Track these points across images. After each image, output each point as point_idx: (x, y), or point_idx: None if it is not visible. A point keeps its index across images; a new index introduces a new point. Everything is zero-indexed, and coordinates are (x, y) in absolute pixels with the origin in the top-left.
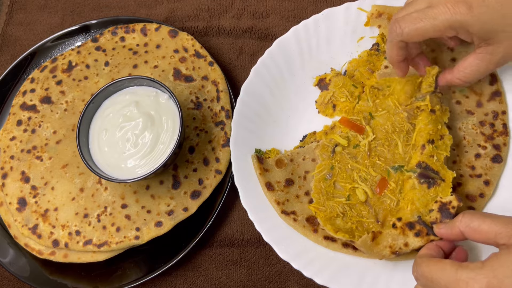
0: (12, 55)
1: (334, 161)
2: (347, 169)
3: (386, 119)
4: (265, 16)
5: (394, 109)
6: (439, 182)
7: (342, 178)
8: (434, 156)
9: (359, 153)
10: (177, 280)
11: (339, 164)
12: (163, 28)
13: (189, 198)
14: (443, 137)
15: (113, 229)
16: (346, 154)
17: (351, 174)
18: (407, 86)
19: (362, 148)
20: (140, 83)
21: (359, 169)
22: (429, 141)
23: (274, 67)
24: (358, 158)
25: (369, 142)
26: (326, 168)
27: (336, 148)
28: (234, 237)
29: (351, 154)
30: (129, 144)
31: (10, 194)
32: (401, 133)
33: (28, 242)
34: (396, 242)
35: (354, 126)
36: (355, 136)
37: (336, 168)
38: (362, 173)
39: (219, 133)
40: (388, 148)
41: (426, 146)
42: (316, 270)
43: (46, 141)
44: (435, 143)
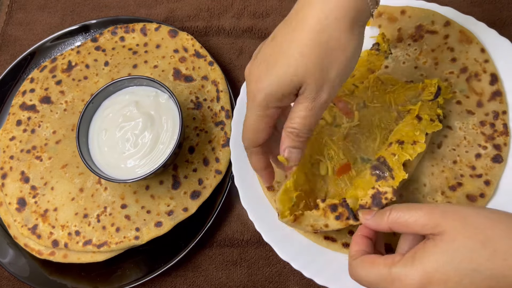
0: (11, 55)
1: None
2: (320, 143)
3: (376, 112)
4: (265, 16)
5: (388, 106)
6: (388, 178)
7: (313, 147)
8: (396, 155)
9: (337, 133)
10: (177, 280)
11: (315, 136)
12: (163, 28)
13: (189, 198)
14: (415, 143)
15: (112, 229)
16: (326, 130)
17: (322, 148)
18: (409, 91)
19: (342, 129)
20: (140, 83)
21: (330, 147)
22: (398, 141)
23: None
24: (334, 138)
25: (351, 127)
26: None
27: (320, 121)
28: (234, 237)
29: (330, 131)
30: (129, 144)
31: (9, 194)
32: (383, 130)
33: (27, 242)
34: (317, 223)
35: (344, 108)
36: (340, 117)
37: (313, 137)
38: (331, 152)
39: (219, 133)
40: (366, 139)
41: (392, 144)
42: (316, 270)
43: (46, 141)
44: (403, 145)
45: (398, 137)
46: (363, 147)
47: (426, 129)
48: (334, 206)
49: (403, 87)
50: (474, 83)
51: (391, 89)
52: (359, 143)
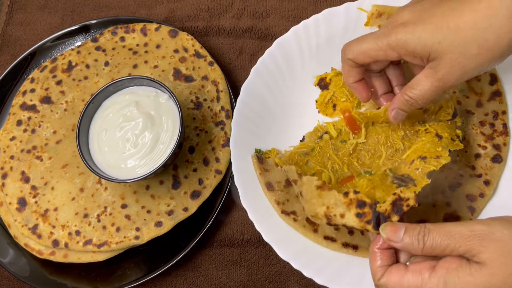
0: (12, 55)
1: (317, 145)
2: (325, 156)
3: (383, 131)
4: (265, 16)
5: (395, 125)
6: (410, 186)
7: (316, 160)
8: (420, 169)
9: (343, 148)
10: (177, 280)
11: (320, 149)
12: (163, 28)
13: (189, 198)
14: (439, 157)
15: (113, 229)
16: (331, 144)
17: (325, 162)
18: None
19: (348, 145)
20: (140, 83)
21: (335, 161)
22: (420, 157)
23: (274, 67)
24: (339, 153)
25: (357, 143)
26: (307, 147)
27: (325, 135)
28: (234, 237)
29: (335, 146)
30: (129, 144)
31: (10, 194)
32: (389, 148)
33: (28, 242)
34: (335, 208)
35: (352, 123)
36: (347, 133)
37: (316, 151)
38: (335, 165)
39: (219, 133)
40: (372, 156)
41: (415, 161)
42: (316, 270)
43: (46, 141)
44: (426, 159)
45: (420, 154)
46: (367, 163)
47: (448, 147)
48: (362, 203)
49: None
50: (474, 83)
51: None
52: (364, 159)
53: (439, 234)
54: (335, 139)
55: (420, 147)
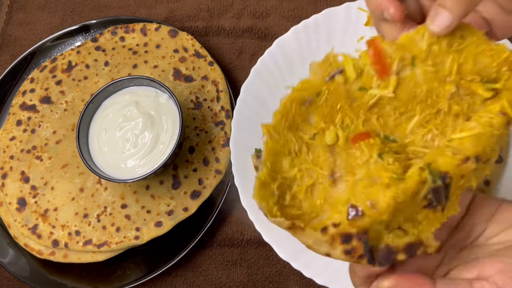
0: (11, 55)
1: (326, 87)
2: (333, 107)
3: (426, 80)
4: (265, 16)
5: (447, 73)
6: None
7: (321, 113)
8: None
9: (360, 99)
10: (177, 280)
11: (328, 95)
12: (163, 28)
13: (189, 198)
14: (487, 162)
15: (113, 229)
16: (344, 90)
17: (334, 115)
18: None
19: (368, 97)
20: (140, 83)
21: (346, 115)
22: (477, 158)
23: (274, 67)
24: (355, 104)
25: (381, 97)
26: (312, 88)
27: (338, 76)
28: (234, 237)
29: (350, 94)
30: (129, 144)
31: (9, 194)
32: (427, 109)
33: (28, 242)
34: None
35: (380, 61)
36: (370, 76)
37: (323, 97)
38: (346, 120)
39: (219, 133)
40: (399, 116)
41: (469, 161)
42: (316, 270)
43: (46, 141)
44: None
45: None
46: (390, 125)
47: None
48: (347, 237)
49: (479, 45)
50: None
51: (458, 47)
52: (386, 118)
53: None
54: (352, 83)
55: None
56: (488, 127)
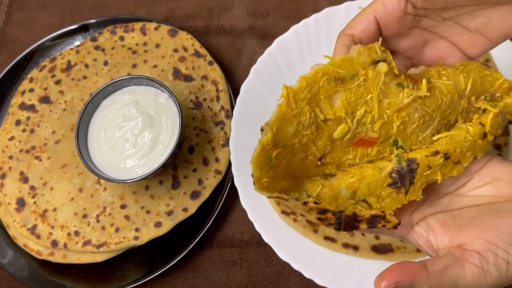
0: (11, 54)
1: (365, 72)
2: (363, 96)
3: (448, 92)
4: (265, 15)
5: (463, 88)
6: (401, 192)
7: (348, 98)
8: (430, 171)
9: (394, 96)
10: (176, 281)
11: (364, 82)
12: (162, 28)
13: (188, 199)
14: (457, 164)
15: (112, 229)
16: (382, 81)
17: (359, 105)
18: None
19: (404, 96)
20: (140, 82)
21: (371, 111)
22: (446, 155)
23: (274, 66)
24: (386, 101)
25: (416, 98)
26: (351, 67)
27: (381, 64)
28: (234, 238)
29: (387, 87)
30: (128, 144)
31: (8, 194)
32: (444, 119)
33: (27, 243)
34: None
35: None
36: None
37: (357, 82)
38: (368, 117)
39: (218, 133)
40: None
41: (438, 155)
42: (317, 270)
43: (45, 141)
44: (447, 161)
45: (449, 148)
46: (408, 131)
47: (479, 152)
48: (324, 211)
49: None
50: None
51: (463, 69)
52: (408, 125)
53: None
54: (392, 76)
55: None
56: (464, 131)
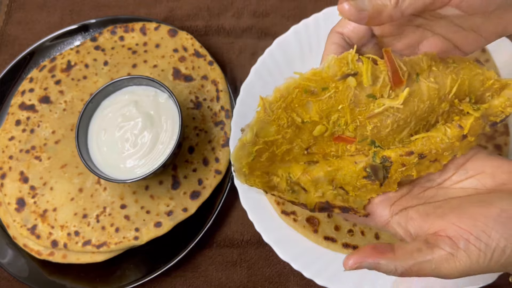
0: (10, 54)
1: (335, 85)
2: (335, 106)
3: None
4: (265, 15)
5: (448, 91)
6: (375, 183)
7: (320, 107)
8: (404, 167)
9: (365, 106)
10: (176, 281)
11: (335, 94)
12: (162, 27)
13: (188, 199)
14: (434, 162)
15: (112, 229)
16: (352, 93)
17: (331, 114)
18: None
19: (375, 106)
20: (140, 82)
21: (344, 119)
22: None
23: (274, 66)
24: (357, 110)
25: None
26: (321, 81)
27: (350, 78)
28: (233, 238)
29: (357, 98)
30: (128, 144)
31: (8, 194)
32: (421, 122)
33: (27, 243)
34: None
35: (395, 73)
36: (384, 85)
37: (327, 94)
38: (341, 121)
39: (218, 133)
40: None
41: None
42: (317, 270)
43: (45, 141)
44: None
45: (424, 149)
46: (383, 134)
47: (458, 152)
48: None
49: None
50: None
51: (454, 68)
52: (381, 129)
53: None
54: (363, 88)
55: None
56: (441, 133)
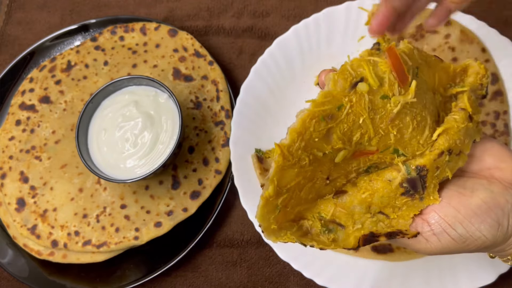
0: (11, 54)
1: (348, 99)
2: (355, 122)
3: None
4: (265, 15)
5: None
6: (415, 199)
7: (341, 129)
8: (438, 170)
9: (383, 109)
10: (176, 281)
11: (351, 109)
12: (162, 28)
13: (188, 199)
14: (459, 154)
15: (112, 229)
16: (368, 100)
17: (354, 131)
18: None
19: (391, 106)
20: (140, 82)
21: (367, 131)
22: (449, 151)
23: (274, 66)
24: (377, 116)
25: (405, 104)
26: (334, 101)
27: (360, 84)
28: (234, 238)
29: (373, 104)
30: (128, 144)
31: (9, 194)
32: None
33: (27, 243)
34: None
35: (400, 69)
36: (391, 83)
37: (345, 111)
38: (365, 138)
39: (219, 133)
40: (416, 126)
41: (444, 155)
42: (317, 270)
43: (45, 141)
44: (451, 157)
45: (450, 143)
46: (407, 138)
47: (475, 135)
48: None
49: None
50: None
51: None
52: (404, 131)
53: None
54: (375, 92)
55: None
56: (453, 122)
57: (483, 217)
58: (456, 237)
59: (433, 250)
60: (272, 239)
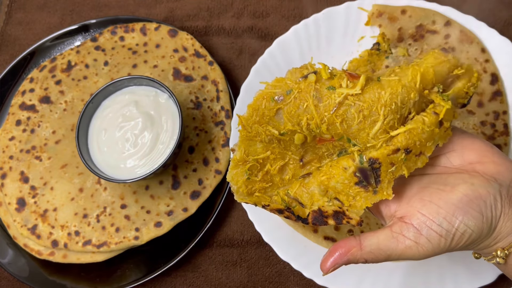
0: (11, 54)
1: (297, 86)
2: (301, 107)
3: (390, 85)
4: (265, 15)
5: (411, 83)
6: (369, 190)
7: (289, 112)
8: (394, 167)
9: (327, 99)
10: (176, 281)
11: (298, 94)
12: (162, 28)
13: (188, 199)
14: (419, 155)
15: (112, 229)
16: (314, 90)
17: (300, 116)
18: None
19: (335, 96)
20: (140, 82)
21: (312, 118)
22: (407, 150)
23: (274, 66)
24: (321, 104)
25: (349, 96)
26: (284, 86)
27: (311, 75)
28: (234, 238)
29: (319, 93)
30: (128, 144)
31: (9, 194)
32: (392, 114)
33: (27, 243)
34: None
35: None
36: (341, 78)
37: (292, 95)
38: (312, 124)
39: (219, 133)
40: (362, 120)
41: (399, 152)
42: (317, 270)
43: (45, 141)
44: (409, 156)
45: (409, 142)
46: (354, 130)
47: (439, 140)
48: (280, 210)
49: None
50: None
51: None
52: (350, 123)
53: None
54: (322, 82)
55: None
56: (420, 123)
57: (465, 209)
58: (443, 233)
59: (426, 252)
60: (240, 199)
